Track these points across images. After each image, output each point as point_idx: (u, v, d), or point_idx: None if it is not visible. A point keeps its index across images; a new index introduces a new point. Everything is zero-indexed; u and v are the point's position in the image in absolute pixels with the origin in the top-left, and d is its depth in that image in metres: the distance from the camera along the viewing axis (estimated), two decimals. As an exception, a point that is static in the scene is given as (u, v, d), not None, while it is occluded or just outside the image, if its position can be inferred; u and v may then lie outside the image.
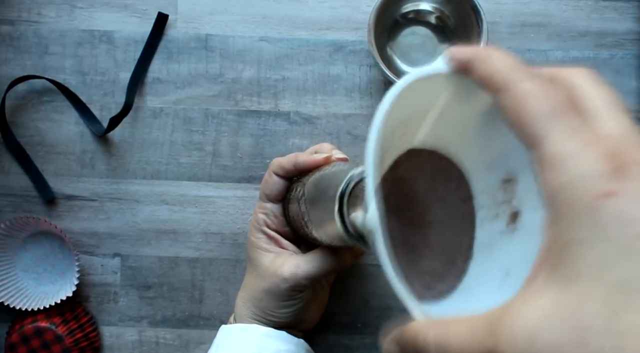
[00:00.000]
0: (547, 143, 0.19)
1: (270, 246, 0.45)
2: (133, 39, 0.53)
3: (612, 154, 0.18)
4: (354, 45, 0.53)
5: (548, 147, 0.19)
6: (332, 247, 0.41)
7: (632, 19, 0.53)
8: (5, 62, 0.53)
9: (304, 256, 0.43)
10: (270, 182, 0.45)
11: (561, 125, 0.19)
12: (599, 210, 0.17)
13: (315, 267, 0.41)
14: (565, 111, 0.19)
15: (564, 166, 0.18)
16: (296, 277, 0.41)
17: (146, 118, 0.53)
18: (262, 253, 0.44)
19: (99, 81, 0.53)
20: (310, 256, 0.42)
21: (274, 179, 0.45)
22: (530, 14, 0.53)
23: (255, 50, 0.53)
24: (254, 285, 0.44)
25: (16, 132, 0.52)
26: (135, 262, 0.52)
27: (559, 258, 0.18)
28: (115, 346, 0.52)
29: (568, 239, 0.17)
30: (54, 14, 0.53)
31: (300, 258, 0.42)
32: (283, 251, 0.45)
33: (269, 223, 0.45)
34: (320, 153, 0.43)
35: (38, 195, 0.52)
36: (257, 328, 0.43)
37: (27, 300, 0.50)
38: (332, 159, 0.42)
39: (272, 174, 0.45)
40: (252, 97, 0.53)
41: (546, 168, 0.19)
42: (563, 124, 0.19)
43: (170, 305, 0.52)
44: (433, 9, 0.52)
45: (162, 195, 0.52)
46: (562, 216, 0.18)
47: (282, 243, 0.45)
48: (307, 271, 0.41)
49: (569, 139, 0.18)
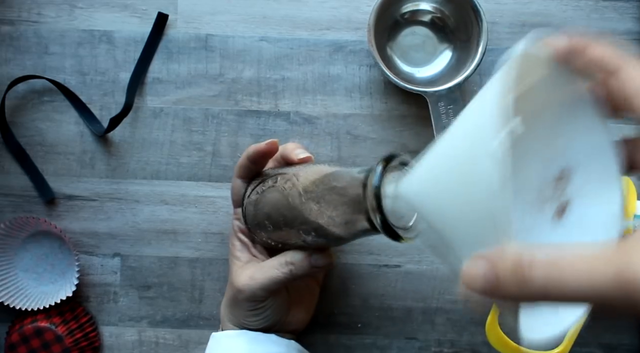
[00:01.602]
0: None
1: (242, 253, 0.44)
2: (133, 39, 0.53)
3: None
4: (354, 45, 0.53)
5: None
6: (294, 249, 0.41)
7: (632, 19, 0.53)
8: (5, 62, 0.53)
9: (260, 266, 0.42)
10: (235, 185, 0.45)
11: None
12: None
13: (269, 279, 0.40)
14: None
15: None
16: (250, 288, 0.41)
17: (146, 118, 0.53)
18: (233, 261, 0.45)
19: (99, 81, 0.53)
20: (266, 266, 0.41)
21: (237, 182, 0.45)
22: (530, 14, 0.53)
23: (255, 50, 0.53)
24: (227, 292, 0.45)
25: (16, 132, 0.52)
26: (135, 262, 0.52)
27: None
28: (115, 346, 0.52)
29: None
30: (54, 14, 0.53)
31: (255, 269, 0.41)
32: (251, 259, 0.44)
33: (242, 228, 0.46)
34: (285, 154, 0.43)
35: (38, 195, 0.52)
36: (245, 333, 0.43)
37: (27, 300, 0.50)
38: (276, 146, 0.42)
39: (234, 177, 0.45)
40: (252, 97, 0.53)
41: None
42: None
43: (170, 305, 0.52)
44: (433, 9, 0.52)
45: (162, 195, 0.52)
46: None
47: (251, 251, 0.45)
48: (261, 282, 0.40)
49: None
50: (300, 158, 0.42)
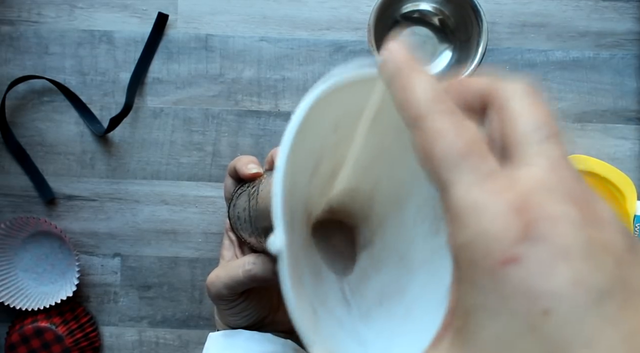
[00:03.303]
0: (453, 191, 0.16)
1: (227, 252, 0.44)
2: (133, 39, 0.53)
3: (523, 206, 0.15)
4: (354, 45, 0.53)
5: (454, 195, 0.16)
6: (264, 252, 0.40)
7: (632, 19, 0.53)
8: (5, 62, 0.53)
9: (228, 265, 0.41)
10: (226, 184, 0.45)
11: (470, 170, 0.16)
12: (503, 279, 0.14)
13: (231, 278, 0.39)
14: (477, 152, 0.16)
15: (468, 220, 0.15)
16: (215, 286, 0.40)
17: (146, 118, 0.53)
18: (220, 259, 0.44)
19: (99, 81, 0.53)
20: (230, 266, 0.40)
21: (227, 181, 0.45)
22: (530, 14, 0.53)
23: (255, 50, 0.53)
24: None
25: (16, 132, 0.52)
26: (135, 262, 0.52)
27: (463, 323, 0.16)
28: (115, 346, 0.52)
29: (472, 304, 0.15)
30: (54, 14, 0.53)
31: (222, 268, 0.41)
32: (232, 257, 0.44)
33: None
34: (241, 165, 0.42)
35: (38, 195, 0.52)
36: (241, 332, 0.43)
37: (27, 300, 0.50)
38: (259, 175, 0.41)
39: (226, 175, 0.45)
40: (252, 97, 0.53)
41: (451, 219, 0.16)
42: (472, 168, 0.16)
43: (170, 305, 0.52)
44: (433, 9, 0.52)
45: (162, 195, 0.52)
46: (466, 277, 0.16)
47: (235, 250, 0.45)
48: (224, 281, 0.40)
49: (476, 187, 0.16)
50: (251, 173, 0.41)
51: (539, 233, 0.14)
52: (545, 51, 0.53)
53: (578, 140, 0.53)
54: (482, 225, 0.15)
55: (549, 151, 0.16)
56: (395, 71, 0.19)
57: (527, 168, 0.16)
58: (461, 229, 0.16)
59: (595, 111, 0.53)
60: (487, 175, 0.16)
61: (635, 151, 0.53)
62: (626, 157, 0.53)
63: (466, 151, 0.16)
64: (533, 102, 0.17)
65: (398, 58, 0.19)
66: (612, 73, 0.53)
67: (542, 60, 0.53)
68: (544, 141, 0.16)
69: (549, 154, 0.16)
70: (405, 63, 0.19)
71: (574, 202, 0.15)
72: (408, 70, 0.18)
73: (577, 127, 0.53)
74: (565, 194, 0.15)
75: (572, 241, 0.14)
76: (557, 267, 0.14)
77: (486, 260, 0.15)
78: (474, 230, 0.15)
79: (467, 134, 0.17)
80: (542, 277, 0.14)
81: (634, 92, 0.53)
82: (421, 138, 0.17)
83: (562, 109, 0.53)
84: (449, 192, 0.16)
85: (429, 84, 0.18)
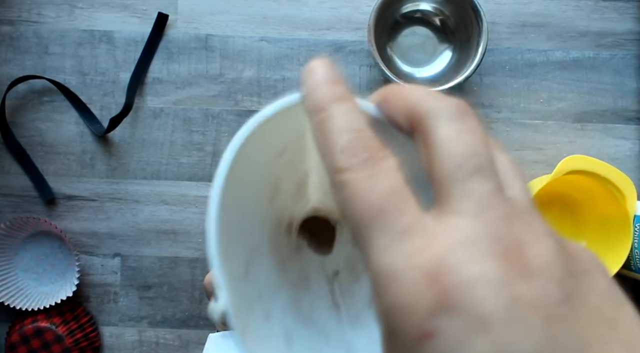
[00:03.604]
0: (370, 255, 0.15)
1: None
2: (133, 39, 0.53)
3: (439, 270, 0.13)
4: (354, 45, 0.53)
5: (371, 260, 0.15)
6: None
7: (632, 19, 0.53)
8: (5, 62, 0.53)
9: None
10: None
11: (384, 232, 0.14)
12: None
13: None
14: (392, 206, 0.15)
15: (386, 289, 0.14)
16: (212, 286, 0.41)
17: (146, 118, 0.53)
18: None
19: (99, 81, 0.53)
20: None
21: None
22: (530, 14, 0.53)
23: (255, 50, 0.53)
24: None
25: (16, 132, 0.52)
26: (135, 262, 0.52)
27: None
28: (115, 346, 0.52)
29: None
30: (54, 14, 0.53)
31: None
32: None
33: None
34: None
35: (38, 195, 0.52)
36: None
37: (27, 300, 0.50)
38: None
39: None
40: (252, 97, 0.53)
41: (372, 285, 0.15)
42: (386, 228, 0.14)
43: (170, 305, 0.52)
44: (433, 9, 0.52)
45: (162, 195, 0.52)
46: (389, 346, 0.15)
47: None
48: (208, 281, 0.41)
49: (390, 251, 0.14)
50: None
51: (454, 302, 0.13)
52: (545, 51, 0.53)
53: (578, 140, 0.53)
54: (398, 296, 0.14)
55: (476, 190, 0.15)
56: (314, 110, 0.17)
57: (448, 217, 0.14)
58: (381, 297, 0.14)
59: (595, 111, 0.53)
60: (402, 234, 0.14)
61: (635, 151, 0.53)
62: (626, 157, 0.53)
63: (379, 208, 0.15)
64: (461, 127, 0.15)
65: (317, 93, 0.17)
66: (612, 73, 0.53)
67: (542, 60, 0.53)
68: (468, 178, 0.15)
69: (475, 193, 0.14)
70: (324, 97, 0.17)
71: (499, 254, 0.13)
72: (326, 109, 0.17)
73: (577, 127, 0.53)
74: (489, 246, 0.14)
75: (491, 307, 0.13)
76: (474, 340, 0.13)
77: (404, 334, 0.14)
78: (391, 301, 0.14)
79: (382, 185, 0.15)
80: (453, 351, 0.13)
81: (634, 92, 0.53)
82: (339, 197, 0.16)
83: (562, 109, 0.53)
84: (367, 257, 0.15)
85: (348, 123, 0.16)
